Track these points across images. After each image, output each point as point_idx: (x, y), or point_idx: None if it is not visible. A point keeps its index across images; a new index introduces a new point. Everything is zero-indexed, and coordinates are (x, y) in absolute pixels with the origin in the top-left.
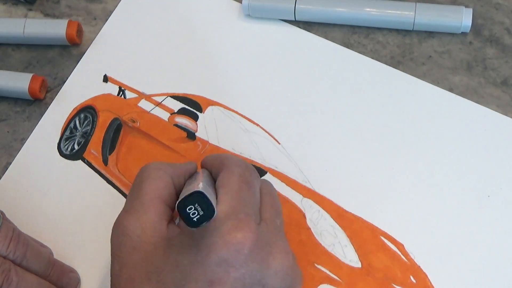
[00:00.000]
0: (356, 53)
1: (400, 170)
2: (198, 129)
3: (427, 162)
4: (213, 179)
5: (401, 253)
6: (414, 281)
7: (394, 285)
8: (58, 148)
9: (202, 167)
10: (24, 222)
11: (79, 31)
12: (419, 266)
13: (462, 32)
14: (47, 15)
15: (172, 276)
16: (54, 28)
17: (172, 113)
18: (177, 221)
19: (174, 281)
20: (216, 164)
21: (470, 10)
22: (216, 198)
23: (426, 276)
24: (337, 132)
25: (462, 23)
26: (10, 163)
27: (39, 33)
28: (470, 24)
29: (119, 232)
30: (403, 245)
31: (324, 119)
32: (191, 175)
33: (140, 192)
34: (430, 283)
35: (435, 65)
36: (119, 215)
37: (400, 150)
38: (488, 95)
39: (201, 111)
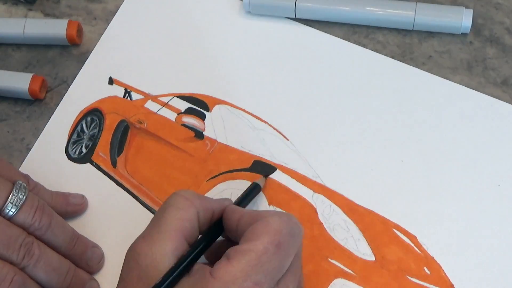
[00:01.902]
0: (360, 47)
1: (410, 161)
2: (205, 128)
3: (437, 153)
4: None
5: (414, 245)
6: (428, 272)
7: (408, 277)
8: (66, 152)
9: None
10: None
11: (79, 31)
12: (433, 257)
13: (462, 33)
14: (47, 15)
15: None
16: (54, 28)
17: (179, 113)
18: None
19: None
20: (246, 220)
21: (470, 11)
22: (232, 247)
23: (440, 267)
24: (345, 126)
25: (462, 23)
26: (10, 163)
27: (39, 33)
28: (470, 24)
29: (130, 257)
30: (416, 237)
31: (331, 113)
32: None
33: (160, 220)
34: (445, 273)
35: (435, 65)
36: (136, 239)
37: (409, 142)
38: (488, 95)
39: (208, 110)
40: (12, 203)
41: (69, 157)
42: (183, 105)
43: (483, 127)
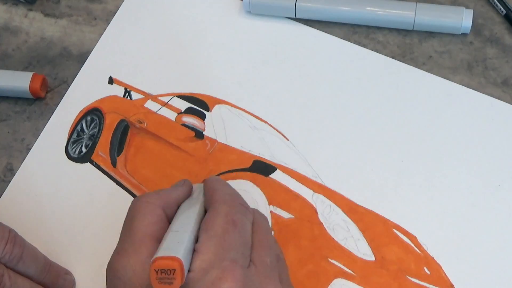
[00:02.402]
0: (360, 47)
1: (410, 162)
2: (206, 128)
3: (437, 153)
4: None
5: (414, 245)
6: (428, 272)
7: (408, 277)
8: (65, 151)
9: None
10: (34, 227)
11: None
12: (433, 258)
13: (462, 33)
14: (47, 15)
15: None
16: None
17: (179, 113)
18: None
19: None
20: (208, 196)
21: (471, 11)
22: (197, 241)
23: (440, 267)
24: (345, 126)
25: (462, 24)
26: (11, 163)
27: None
28: (470, 25)
29: (111, 275)
30: (415, 237)
31: (331, 113)
32: (185, 198)
33: (130, 231)
34: (444, 273)
35: (435, 65)
36: (111, 256)
37: (409, 142)
38: (489, 95)
39: (208, 110)
40: None
41: (69, 156)
42: (183, 105)
43: (483, 127)
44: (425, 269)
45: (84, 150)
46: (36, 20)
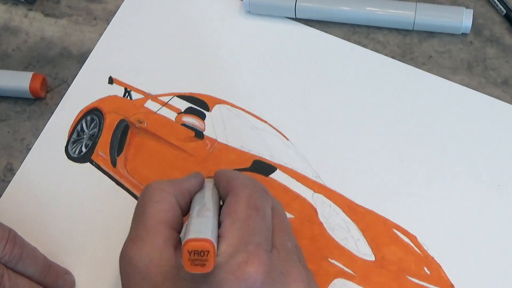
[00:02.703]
0: (360, 46)
1: (410, 161)
2: (206, 128)
3: (437, 153)
4: (219, 195)
5: (414, 245)
6: (428, 272)
7: (408, 277)
8: (65, 151)
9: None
10: (34, 227)
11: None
12: (433, 257)
13: (462, 33)
14: (47, 15)
15: None
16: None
17: (179, 113)
18: None
19: None
20: (223, 184)
21: (471, 11)
22: (220, 227)
23: (440, 267)
24: (345, 125)
25: (462, 24)
26: (11, 163)
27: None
28: (470, 25)
29: (126, 263)
30: (415, 237)
31: (331, 113)
32: (198, 190)
33: (143, 218)
34: (444, 273)
35: (435, 65)
36: (125, 244)
37: (409, 142)
38: (489, 95)
39: (208, 110)
40: None
41: (69, 156)
42: (183, 105)
43: (483, 127)
44: (425, 269)
45: (84, 150)
46: (36, 20)
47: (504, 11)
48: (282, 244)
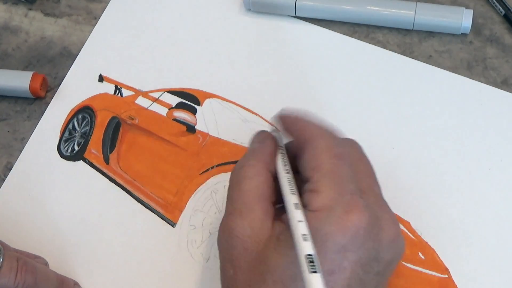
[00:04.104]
0: (359, 41)
1: (401, 148)
2: (197, 122)
3: (428, 139)
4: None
5: (408, 231)
6: (423, 257)
7: (403, 262)
8: (58, 150)
9: (280, 124)
10: (28, 227)
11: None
12: (427, 242)
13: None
14: (47, 14)
15: (288, 273)
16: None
17: (170, 108)
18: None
19: (291, 277)
20: (295, 133)
21: (471, 11)
22: (309, 182)
23: (434, 251)
24: (335, 115)
25: (462, 24)
26: (11, 163)
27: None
28: (470, 25)
29: (227, 235)
30: (409, 223)
31: (322, 105)
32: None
33: (240, 193)
34: (439, 258)
35: (435, 64)
36: (224, 218)
37: (400, 129)
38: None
39: (199, 104)
40: None
41: (62, 155)
42: (174, 100)
43: (472, 113)
44: (420, 254)
45: (76, 148)
46: (36, 19)
47: (503, 11)
48: (370, 189)
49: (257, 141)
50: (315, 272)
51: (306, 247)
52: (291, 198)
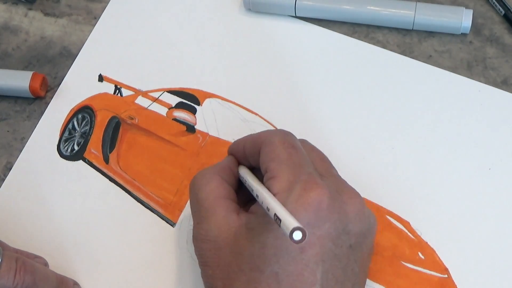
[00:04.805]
0: (358, 40)
1: (401, 148)
2: (197, 122)
3: (427, 139)
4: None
5: (408, 231)
6: (423, 257)
7: (402, 262)
8: (58, 150)
9: (231, 154)
10: (28, 226)
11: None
12: (426, 242)
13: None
14: (47, 14)
15: (262, 258)
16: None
17: (170, 108)
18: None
19: (266, 261)
20: (250, 145)
21: (470, 11)
22: (267, 171)
23: (434, 251)
24: (335, 115)
25: (462, 24)
26: (10, 162)
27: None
28: (470, 25)
29: (199, 242)
30: (409, 223)
31: (321, 104)
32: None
33: (200, 201)
34: (439, 258)
35: (435, 64)
36: (193, 230)
37: (400, 128)
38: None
39: (198, 104)
40: None
41: (61, 155)
42: (174, 100)
43: (472, 112)
44: (419, 254)
45: (76, 148)
46: (36, 19)
47: (503, 11)
48: (328, 172)
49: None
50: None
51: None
52: (255, 179)
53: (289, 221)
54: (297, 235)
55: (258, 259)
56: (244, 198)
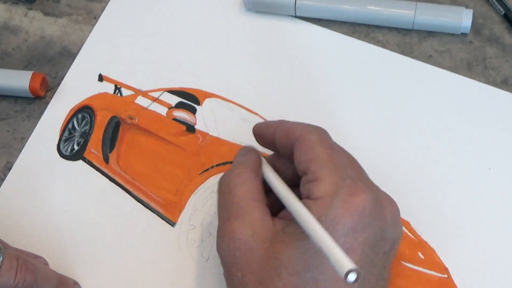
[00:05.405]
0: (358, 40)
1: (401, 148)
2: (197, 122)
3: (427, 139)
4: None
5: (408, 231)
6: (423, 257)
7: (402, 262)
8: (57, 150)
9: (257, 135)
10: (28, 226)
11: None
12: (426, 242)
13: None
14: (47, 14)
15: (303, 263)
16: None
17: (170, 108)
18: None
19: (306, 266)
20: (281, 137)
21: (470, 11)
22: (308, 173)
23: (434, 251)
24: (335, 115)
25: (462, 24)
26: (10, 162)
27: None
28: (470, 25)
29: (228, 240)
30: (409, 223)
31: (321, 104)
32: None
33: (233, 198)
34: (438, 257)
35: (435, 64)
36: (221, 225)
37: (400, 128)
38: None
39: (198, 103)
40: None
41: (61, 154)
42: (174, 100)
43: (473, 112)
44: (420, 254)
45: (76, 147)
46: (36, 19)
47: (503, 11)
48: (361, 175)
49: (241, 155)
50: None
51: (323, 231)
52: (289, 192)
53: (344, 261)
54: (352, 277)
55: (297, 264)
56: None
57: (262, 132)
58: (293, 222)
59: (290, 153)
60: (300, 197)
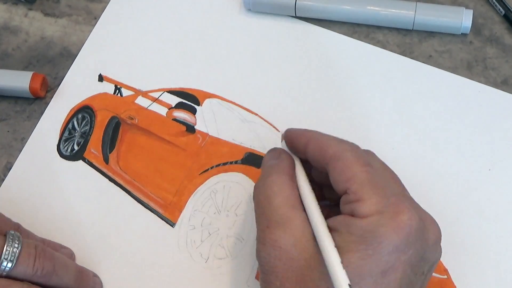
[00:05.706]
0: (358, 40)
1: (401, 148)
2: (197, 122)
3: (427, 139)
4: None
5: None
6: None
7: None
8: (57, 150)
9: (288, 142)
10: (28, 226)
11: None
12: None
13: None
14: (47, 14)
15: None
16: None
17: (170, 108)
18: None
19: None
20: (315, 151)
21: (470, 12)
22: (348, 192)
23: None
24: (335, 115)
25: (462, 24)
26: (10, 163)
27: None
28: (470, 25)
29: (270, 248)
30: None
31: (321, 104)
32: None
33: (272, 207)
34: None
35: (435, 64)
36: (260, 233)
37: (400, 129)
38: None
39: (198, 104)
40: (6, 259)
41: (61, 155)
42: (174, 100)
43: (473, 113)
44: None
45: (76, 148)
46: (36, 19)
47: (503, 11)
48: (403, 192)
49: (272, 158)
50: None
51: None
52: (314, 209)
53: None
54: None
55: None
56: None
57: (294, 141)
58: (338, 234)
59: (322, 167)
60: (329, 206)
